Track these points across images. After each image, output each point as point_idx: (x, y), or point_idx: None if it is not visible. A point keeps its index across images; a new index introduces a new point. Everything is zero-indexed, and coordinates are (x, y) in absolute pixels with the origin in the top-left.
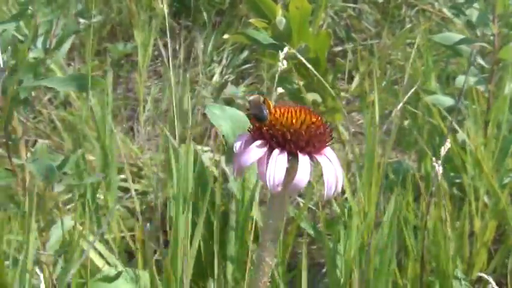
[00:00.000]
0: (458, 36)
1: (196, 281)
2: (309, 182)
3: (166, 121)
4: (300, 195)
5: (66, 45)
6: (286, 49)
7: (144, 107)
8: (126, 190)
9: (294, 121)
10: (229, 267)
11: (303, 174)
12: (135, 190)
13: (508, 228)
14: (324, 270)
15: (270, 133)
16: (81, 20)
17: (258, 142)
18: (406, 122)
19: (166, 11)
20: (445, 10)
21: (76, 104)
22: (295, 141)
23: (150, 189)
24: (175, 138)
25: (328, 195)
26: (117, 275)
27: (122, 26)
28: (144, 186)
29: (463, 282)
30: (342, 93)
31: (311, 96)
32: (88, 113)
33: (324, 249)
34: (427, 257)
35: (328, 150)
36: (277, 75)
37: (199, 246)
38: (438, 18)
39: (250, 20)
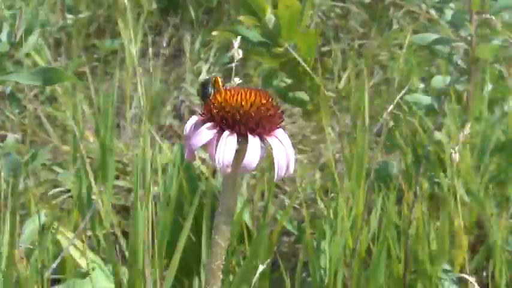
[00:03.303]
0: (434, 36)
1: (179, 278)
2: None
3: (152, 118)
4: (284, 194)
5: (33, 38)
6: (239, 38)
7: (130, 104)
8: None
9: (243, 103)
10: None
11: (253, 155)
12: (121, 187)
13: (487, 225)
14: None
15: (220, 115)
16: (69, 16)
17: (208, 124)
18: (390, 122)
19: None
20: (432, 11)
21: (62, 99)
22: (245, 123)
23: None
24: (160, 135)
25: (278, 175)
26: (95, 271)
27: (109, 23)
28: (129, 183)
29: (448, 281)
30: (329, 93)
31: (298, 95)
32: (74, 110)
33: (308, 248)
34: (410, 257)
35: (279, 132)
36: (234, 66)
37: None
38: (425, 20)
39: (240, 17)
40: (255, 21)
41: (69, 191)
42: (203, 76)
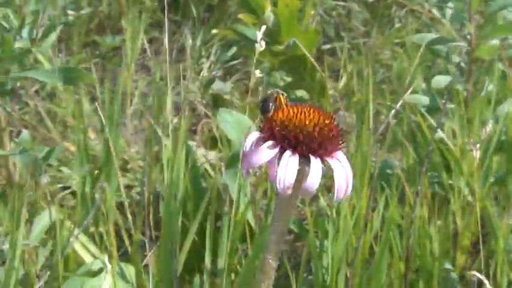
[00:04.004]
0: (433, 36)
1: (183, 276)
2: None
3: (153, 115)
4: None
5: (53, 36)
6: (263, 27)
7: (131, 101)
8: None
9: (307, 122)
10: (220, 265)
11: (315, 177)
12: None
13: (491, 228)
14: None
15: (282, 134)
16: (70, 12)
17: (270, 143)
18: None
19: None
20: (434, 10)
21: (63, 96)
22: (308, 144)
23: (136, 183)
24: (163, 133)
25: (338, 198)
26: (101, 268)
27: (110, 19)
28: (130, 179)
29: (451, 279)
30: (330, 92)
31: (298, 93)
32: (75, 106)
33: (310, 247)
34: (412, 256)
35: (339, 154)
36: (255, 57)
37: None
38: (427, 19)
39: (239, 15)
40: (254, 20)
41: (69, 187)
42: (204, 73)
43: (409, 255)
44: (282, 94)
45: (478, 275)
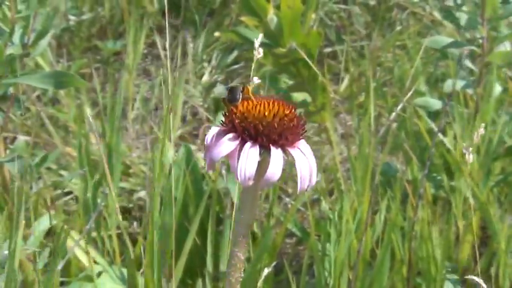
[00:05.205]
0: (447, 40)
1: (184, 280)
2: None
3: (155, 120)
4: (288, 196)
5: (45, 41)
6: (260, 35)
7: (133, 106)
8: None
9: (266, 113)
10: (222, 269)
11: (275, 167)
12: (123, 188)
13: (492, 231)
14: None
15: (242, 126)
16: (71, 17)
17: (230, 135)
18: (393, 124)
19: (167, 9)
20: (435, 13)
21: (64, 101)
22: (268, 134)
23: (138, 187)
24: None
25: (301, 188)
26: (101, 273)
27: (112, 24)
28: (132, 184)
29: (453, 282)
30: (331, 95)
31: (301, 96)
32: (77, 111)
33: (312, 250)
34: (414, 259)
35: (301, 143)
36: (253, 64)
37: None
38: (428, 21)
39: (242, 18)
40: (256, 22)
41: (71, 192)
42: (206, 78)
43: (412, 258)
44: (249, 86)
45: (476, 279)
